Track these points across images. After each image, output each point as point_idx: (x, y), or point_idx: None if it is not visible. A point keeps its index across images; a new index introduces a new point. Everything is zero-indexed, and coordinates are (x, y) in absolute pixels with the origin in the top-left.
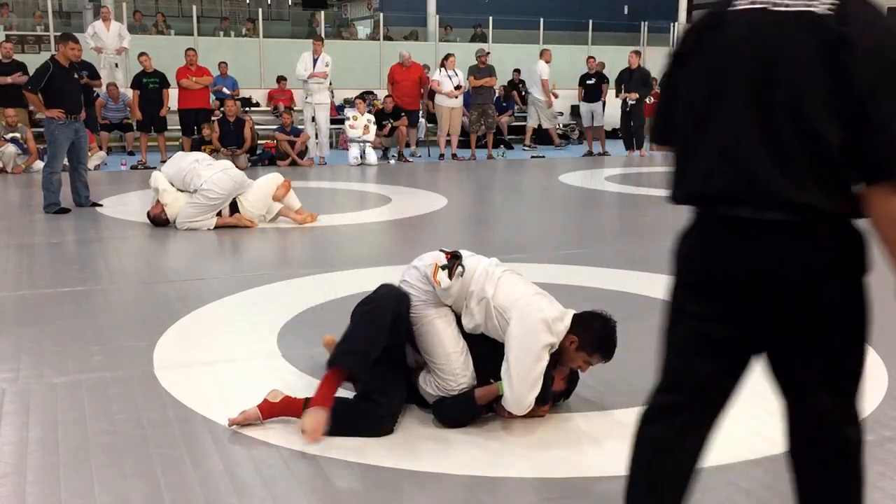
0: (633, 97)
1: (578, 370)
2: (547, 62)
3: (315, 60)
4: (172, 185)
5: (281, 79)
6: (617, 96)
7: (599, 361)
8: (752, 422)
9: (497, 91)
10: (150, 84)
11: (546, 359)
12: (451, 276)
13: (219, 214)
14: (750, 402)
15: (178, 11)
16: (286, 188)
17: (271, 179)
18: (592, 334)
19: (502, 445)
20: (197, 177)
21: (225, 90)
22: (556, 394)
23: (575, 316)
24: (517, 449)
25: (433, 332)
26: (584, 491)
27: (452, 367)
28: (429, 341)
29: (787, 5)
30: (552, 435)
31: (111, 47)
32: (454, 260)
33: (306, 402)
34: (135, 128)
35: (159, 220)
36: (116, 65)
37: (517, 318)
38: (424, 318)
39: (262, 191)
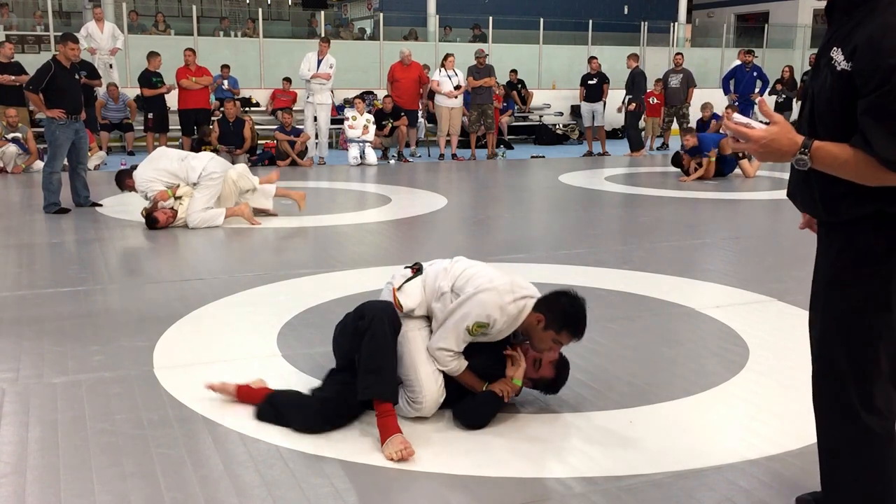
0: (632, 106)
1: (550, 355)
2: None
3: (319, 62)
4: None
5: (286, 80)
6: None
7: (569, 340)
8: (752, 422)
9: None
10: (158, 84)
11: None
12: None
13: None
14: (750, 402)
15: (178, 11)
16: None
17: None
18: (558, 311)
19: (501, 445)
20: (192, 169)
21: (225, 84)
22: (540, 382)
23: (541, 296)
24: (516, 448)
25: (405, 344)
26: (584, 491)
27: (420, 379)
28: (402, 352)
29: None
30: (551, 435)
31: (105, 48)
32: (417, 274)
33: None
34: (150, 127)
35: (159, 225)
36: (111, 65)
37: (469, 292)
38: (402, 330)
39: (227, 184)
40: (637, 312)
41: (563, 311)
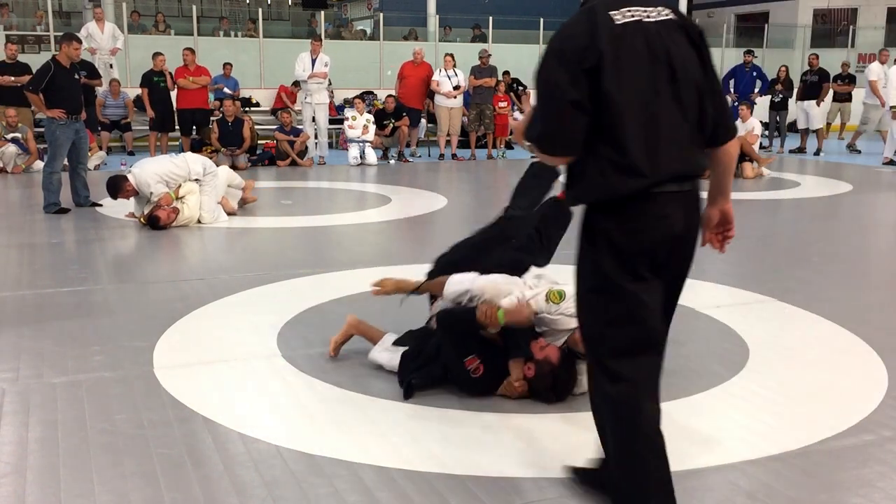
0: None
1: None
2: (883, 63)
3: (314, 61)
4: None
5: (295, 84)
6: None
7: None
8: (753, 422)
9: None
10: (160, 83)
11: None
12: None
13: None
14: (750, 402)
15: (178, 11)
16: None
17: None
18: None
19: (501, 445)
20: (193, 162)
21: (226, 90)
22: (539, 383)
23: None
24: (516, 448)
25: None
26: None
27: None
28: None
29: (654, 16)
30: (552, 435)
31: (105, 48)
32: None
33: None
34: (150, 126)
35: (162, 225)
36: (111, 65)
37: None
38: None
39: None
40: None
41: None
